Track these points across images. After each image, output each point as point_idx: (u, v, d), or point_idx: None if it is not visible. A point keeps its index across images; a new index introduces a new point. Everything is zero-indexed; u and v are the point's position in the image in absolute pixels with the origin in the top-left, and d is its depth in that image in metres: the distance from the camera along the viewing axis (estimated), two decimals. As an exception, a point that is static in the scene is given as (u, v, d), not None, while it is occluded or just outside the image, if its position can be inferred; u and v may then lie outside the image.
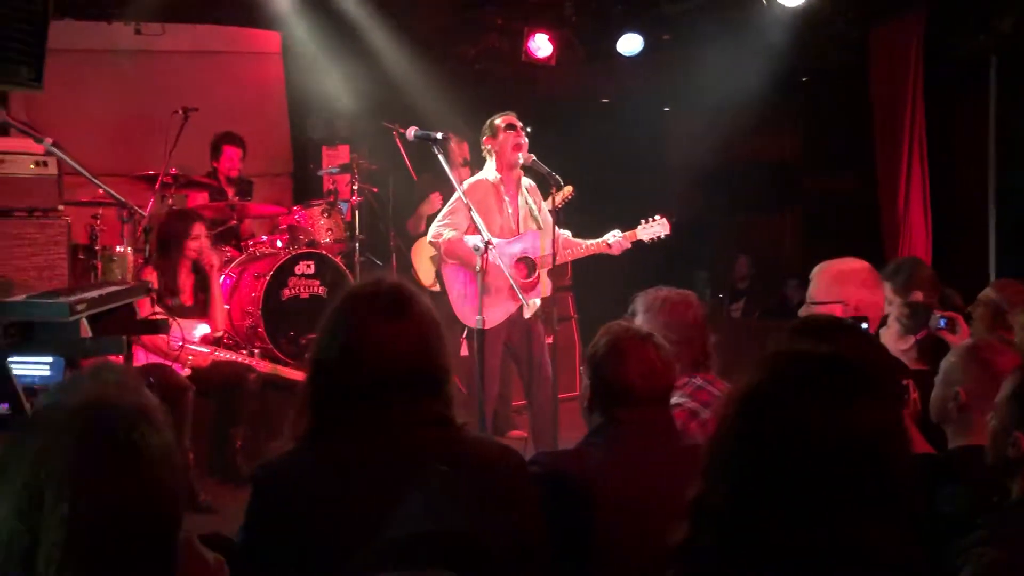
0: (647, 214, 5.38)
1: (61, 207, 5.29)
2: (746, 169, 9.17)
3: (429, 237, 5.16)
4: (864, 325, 2.96)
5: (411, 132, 4.63)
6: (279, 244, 6.62)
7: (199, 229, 5.54)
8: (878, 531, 1.28)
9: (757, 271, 9.21)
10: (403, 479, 1.71)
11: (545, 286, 5.25)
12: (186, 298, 5.52)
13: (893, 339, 3.57)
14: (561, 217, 5.12)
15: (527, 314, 5.12)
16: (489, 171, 5.20)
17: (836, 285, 3.28)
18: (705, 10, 6.82)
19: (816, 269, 3.42)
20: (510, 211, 5.20)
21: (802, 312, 3.33)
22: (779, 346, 1.61)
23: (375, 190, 7.48)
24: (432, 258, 6.44)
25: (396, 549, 1.39)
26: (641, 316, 3.07)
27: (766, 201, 9.31)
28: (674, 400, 2.76)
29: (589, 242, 5.28)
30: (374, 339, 1.91)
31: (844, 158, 8.42)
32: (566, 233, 5.26)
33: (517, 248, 5.16)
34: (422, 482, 1.76)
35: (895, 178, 7.39)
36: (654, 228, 5.27)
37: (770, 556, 1.29)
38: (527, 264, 5.19)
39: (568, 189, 5.03)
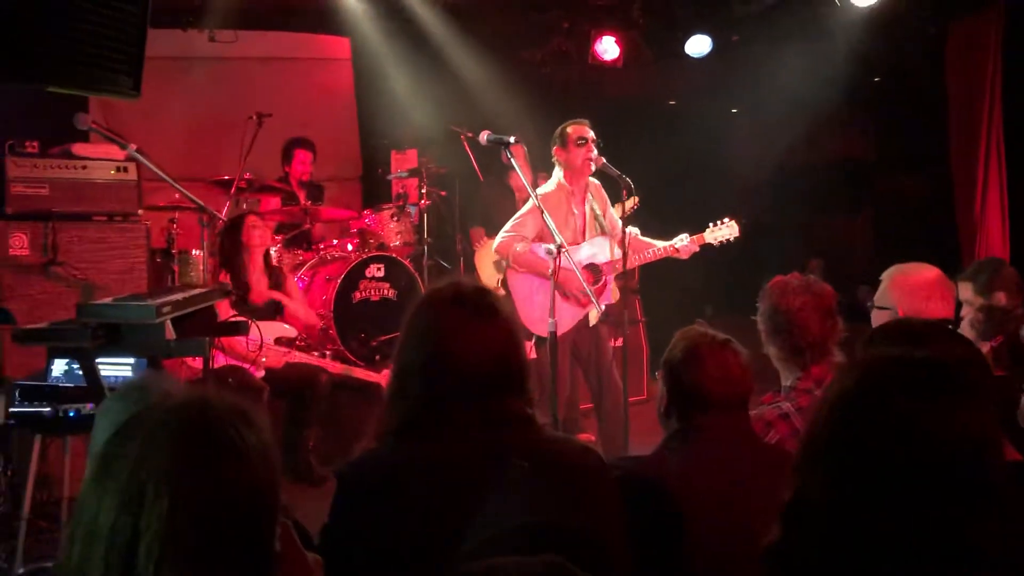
0: (715, 216, 5.33)
1: (140, 212, 5.43)
2: (817, 170, 9.05)
3: (495, 245, 5.16)
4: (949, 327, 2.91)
5: (483, 136, 4.64)
6: (349, 247, 6.72)
7: (252, 219, 5.66)
8: (980, 533, 1.27)
9: (829, 274, 9.05)
10: (486, 477, 1.74)
11: (612, 292, 5.24)
12: (260, 299, 5.63)
13: (968, 344, 3.49)
14: (628, 219, 5.10)
15: (592, 320, 5.13)
16: (560, 180, 5.20)
17: (890, 291, 3.28)
18: (775, 10, 6.74)
19: (885, 272, 3.39)
20: (578, 222, 5.21)
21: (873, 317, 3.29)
22: (873, 349, 1.59)
23: (443, 193, 7.55)
24: (496, 263, 6.47)
25: (498, 540, 1.41)
26: (759, 305, 3.02)
27: (838, 203, 9.18)
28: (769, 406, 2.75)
29: (658, 245, 5.25)
30: (462, 340, 1.94)
31: (919, 158, 8.25)
32: (634, 231, 5.22)
33: (584, 254, 5.16)
34: (505, 479, 1.79)
35: (972, 178, 7.22)
36: (723, 231, 5.22)
37: (869, 558, 1.29)
38: (593, 271, 5.18)
39: (634, 200, 5.00)
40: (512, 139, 4.67)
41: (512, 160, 4.70)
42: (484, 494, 1.68)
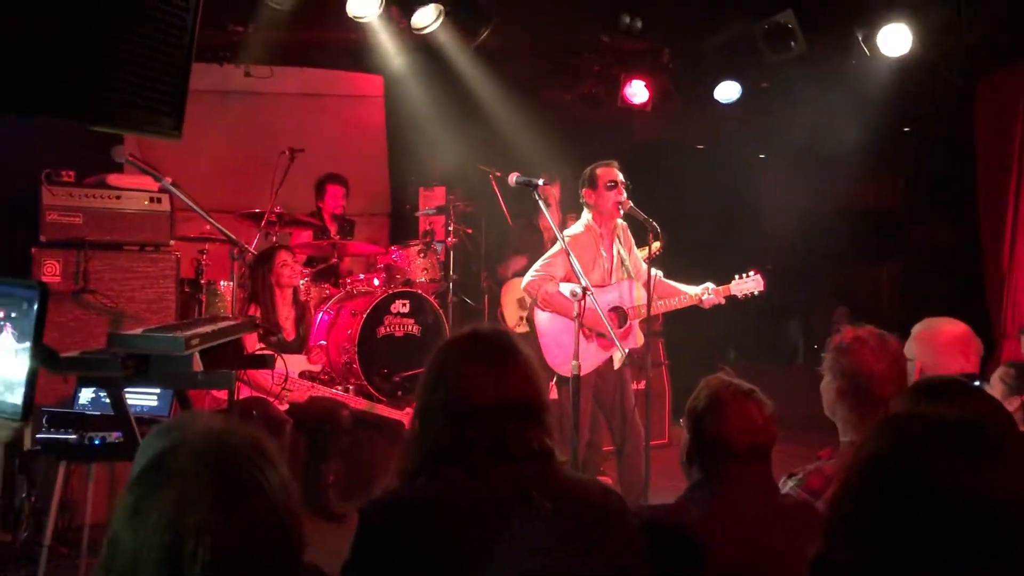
0: (740, 262, 5.34)
1: (172, 242, 5.50)
2: (845, 218, 9.04)
3: (524, 284, 5.18)
4: (976, 383, 2.90)
5: (512, 178, 4.67)
6: (376, 282, 6.76)
7: (283, 256, 5.70)
8: None
9: (855, 323, 9.00)
10: (507, 515, 1.75)
11: (637, 336, 5.23)
12: (288, 334, 5.67)
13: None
14: (653, 262, 5.11)
15: (616, 363, 5.12)
16: (588, 221, 5.22)
17: (913, 343, 3.31)
18: (806, 59, 6.76)
19: (917, 324, 3.40)
20: (606, 264, 5.22)
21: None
22: (901, 408, 1.58)
23: (470, 231, 7.60)
24: (520, 300, 6.48)
25: None
26: (828, 357, 2.91)
27: (865, 251, 9.15)
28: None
29: (683, 292, 5.25)
30: (481, 382, 1.99)
31: (947, 210, 8.24)
32: (658, 273, 5.23)
33: (610, 298, 5.17)
34: (527, 517, 1.79)
35: (1000, 230, 7.20)
36: (747, 284, 5.23)
37: None
38: (619, 314, 5.19)
39: (658, 243, 5.01)
40: (540, 181, 4.70)
41: (540, 202, 4.72)
42: (505, 532, 1.69)
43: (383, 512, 1.98)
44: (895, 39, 6.52)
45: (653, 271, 5.01)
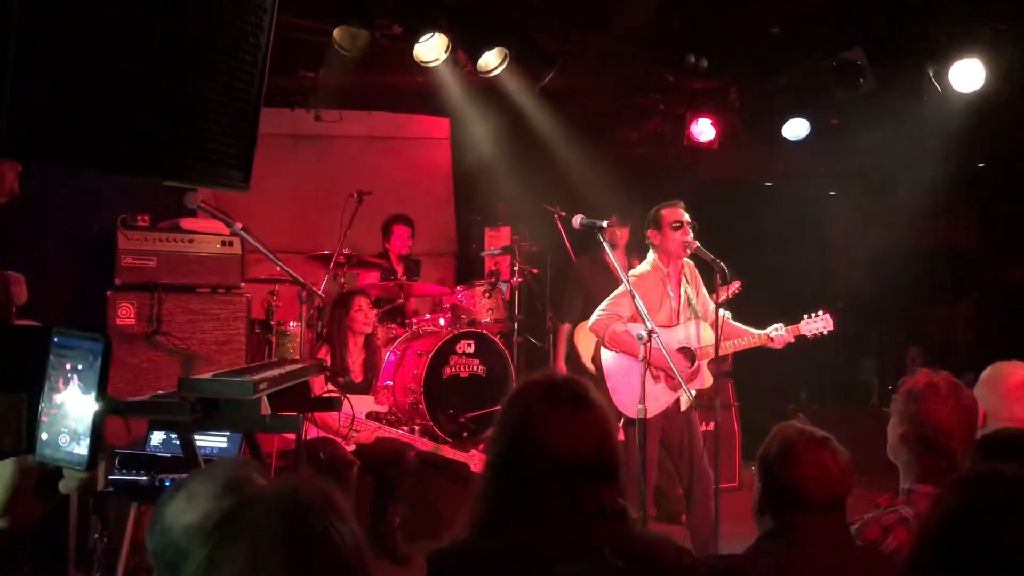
0: (811, 300, 5.28)
1: (242, 284, 5.59)
2: (918, 256, 8.84)
3: (590, 324, 5.14)
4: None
5: (577, 220, 4.65)
6: (442, 323, 6.78)
7: (360, 302, 5.74)
8: None
9: (929, 362, 8.77)
10: (580, 572, 1.71)
11: (705, 377, 5.16)
12: (356, 375, 5.70)
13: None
14: (730, 303, 5.05)
15: (684, 405, 5.05)
16: (654, 261, 5.18)
17: (979, 387, 3.18)
18: (876, 95, 6.66)
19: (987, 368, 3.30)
20: (673, 304, 5.17)
21: None
22: (972, 465, 1.55)
23: (535, 271, 7.59)
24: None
25: None
26: (898, 399, 2.83)
27: (940, 289, 8.94)
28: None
29: (753, 333, 5.18)
30: (554, 431, 1.96)
31: (1022, 247, 8.01)
32: (727, 314, 5.18)
33: (678, 338, 5.11)
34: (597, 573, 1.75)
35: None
36: (817, 324, 5.18)
37: None
38: (687, 354, 5.12)
39: (736, 284, 4.95)
40: (604, 223, 4.67)
41: (604, 244, 4.69)
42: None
43: (450, 561, 1.97)
44: (968, 74, 6.38)
45: (721, 312, 4.95)
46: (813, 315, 5.21)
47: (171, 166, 1.66)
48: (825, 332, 5.19)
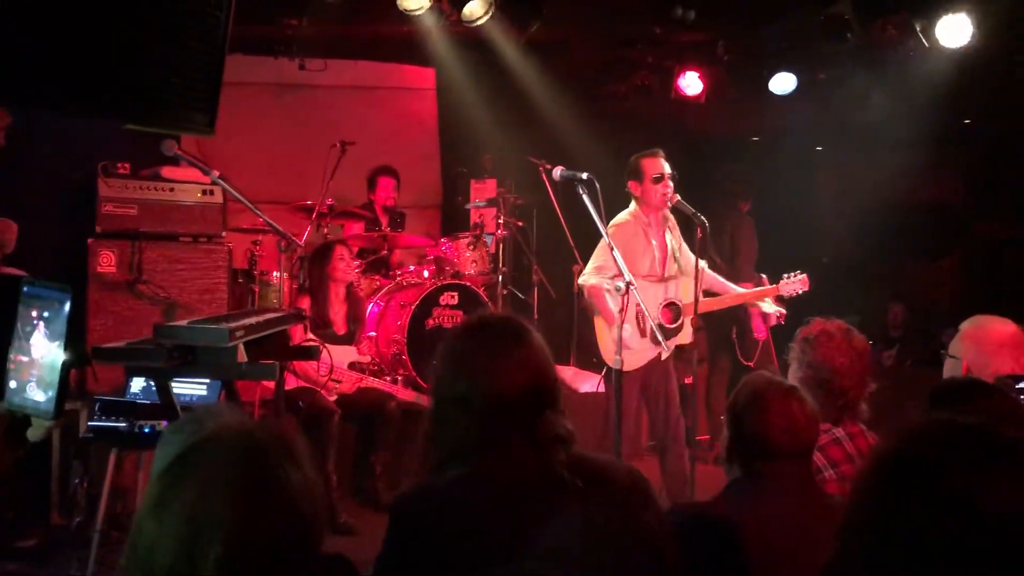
0: (797, 255, 5.34)
1: (224, 234, 5.57)
2: (903, 212, 8.83)
3: (582, 280, 5.16)
4: (1022, 384, 2.83)
5: (557, 172, 4.62)
6: (425, 274, 6.78)
7: (341, 251, 5.74)
8: None
9: (912, 318, 8.83)
10: (539, 498, 1.75)
11: (686, 333, 5.18)
12: (338, 327, 5.70)
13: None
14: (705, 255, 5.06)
15: (663, 355, 5.09)
16: (635, 211, 5.17)
17: (961, 341, 3.27)
18: (863, 50, 6.63)
19: (965, 321, 3.34)
20: (656, 253, 5.16)
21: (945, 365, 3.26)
22: (919, 412, 1.56)
23: (520, 224, 7.58)
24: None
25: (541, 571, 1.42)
26: (796, 347, 3.03)
27: (924, 246, 8.96)
28: None
29: (729, 287, 5.29)
30: (495, 365, 2.00)
31: (1008, 204, 8.03)
32: (703, 264, 5.18)
33: (668, 293, 5.13)
34: (559, 500, 1.79)
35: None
36: (795, 284, 5.25)
37: None
38: (672, 310, 5.14)
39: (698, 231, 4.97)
40: (585, 175, 4.65)
41: (584, 196, 4.66)
42: (538, 516, 1.68)
43: (411, 506, 1.99)
44: (955, 29, 6.35)
45: (699, 262, 4.97)
46: (791, 275, 5.28)
47: (133, 110, 1.65)
48: (801, 292, 5.27)
